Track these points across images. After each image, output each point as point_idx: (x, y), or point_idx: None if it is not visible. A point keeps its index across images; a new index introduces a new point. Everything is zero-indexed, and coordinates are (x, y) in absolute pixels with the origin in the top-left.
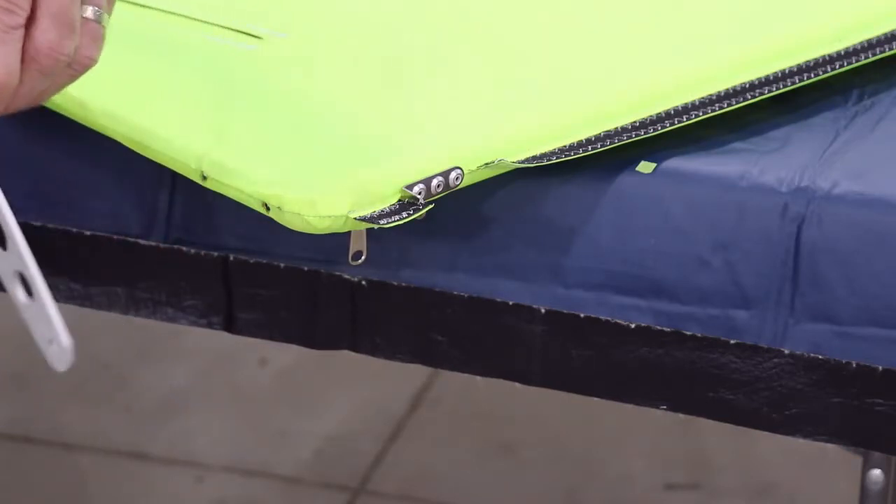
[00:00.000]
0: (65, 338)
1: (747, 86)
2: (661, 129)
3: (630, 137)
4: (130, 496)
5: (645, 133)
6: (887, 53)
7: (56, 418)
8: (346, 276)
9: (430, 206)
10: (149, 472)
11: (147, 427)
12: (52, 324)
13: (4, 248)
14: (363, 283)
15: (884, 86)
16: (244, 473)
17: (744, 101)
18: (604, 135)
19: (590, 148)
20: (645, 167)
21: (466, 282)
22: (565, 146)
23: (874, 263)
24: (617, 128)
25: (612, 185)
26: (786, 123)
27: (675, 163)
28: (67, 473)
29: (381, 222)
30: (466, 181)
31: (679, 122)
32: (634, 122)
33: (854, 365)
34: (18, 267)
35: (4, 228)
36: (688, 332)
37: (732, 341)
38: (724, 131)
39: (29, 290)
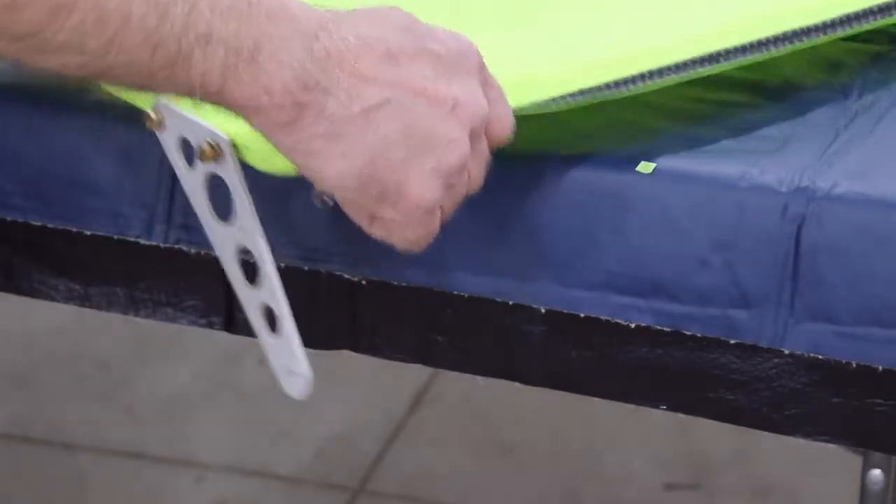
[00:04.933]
0: (307, 370)
1: (764, 41)
2: (683, 73)
3: (653, 79)
4: (130, 496)
5: (657, 78)
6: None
7: (56, 418)
8: (346, 276)
9: None
10: (149, 472)
11: (147, 427)
12: (295, 357)
13: (254, 284)
14: (363, 282)
15: (884, 85)
16: (244, 473)
17: (759, 53)
18: (642, 74)
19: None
20: (645, 167)
21: (466, 282)
22: (585, 89)
23: (874, 263)
24: (644, 72)
25: (612, 186)
26: (786, 123)
27: (675, 163)
28: (67, 473)
29: None
30: None
31: (702, 67)
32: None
33: (854, 365)
34: (267, 301)
35: (260, 265)
36: (688, 333)
37: (732, 341)
38: (723, 131)
39: (273, 324)
